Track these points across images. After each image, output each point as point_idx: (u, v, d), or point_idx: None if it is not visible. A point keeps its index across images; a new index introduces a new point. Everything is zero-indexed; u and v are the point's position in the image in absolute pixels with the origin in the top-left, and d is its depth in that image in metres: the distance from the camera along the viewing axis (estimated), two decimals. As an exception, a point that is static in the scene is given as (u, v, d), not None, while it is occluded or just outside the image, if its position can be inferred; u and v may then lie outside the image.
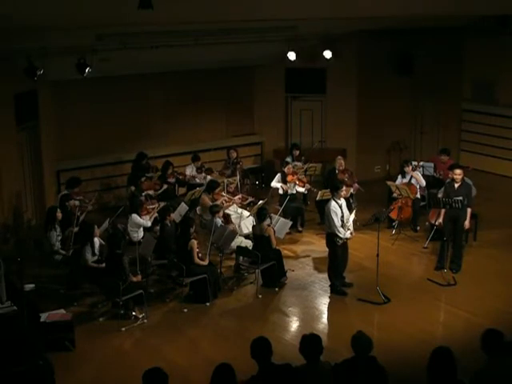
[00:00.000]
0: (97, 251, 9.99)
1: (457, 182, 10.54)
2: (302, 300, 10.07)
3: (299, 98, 16.25)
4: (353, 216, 10.07)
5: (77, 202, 11.53)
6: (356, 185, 12.64)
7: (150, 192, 12.52)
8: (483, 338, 5.69)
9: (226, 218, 11.29)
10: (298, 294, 10.26)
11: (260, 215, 10.60)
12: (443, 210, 10.75)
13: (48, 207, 11.36)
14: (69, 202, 11.28)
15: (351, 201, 12.57)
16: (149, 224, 11.03)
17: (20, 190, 12.35)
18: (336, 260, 10.05)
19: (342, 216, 9.83)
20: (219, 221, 10.89)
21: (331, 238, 9.93)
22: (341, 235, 9.81)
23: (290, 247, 12.03)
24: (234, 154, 14.29)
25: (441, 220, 10.88)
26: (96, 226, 10.20)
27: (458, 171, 10.59)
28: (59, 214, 10.57)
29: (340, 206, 9.86)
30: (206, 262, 10.03)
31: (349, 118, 15.74)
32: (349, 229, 9.90)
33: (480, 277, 10.57)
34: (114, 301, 9.33)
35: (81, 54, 10.92)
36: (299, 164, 13.77)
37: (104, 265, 9.66)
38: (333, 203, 9.85)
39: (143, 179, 12.74)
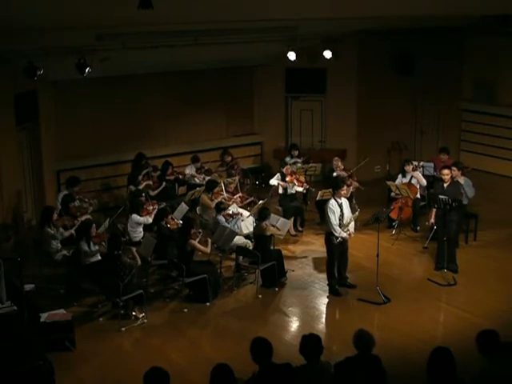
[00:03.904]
0: (93, 248, 9.96)
1: (445, 182, 10.57)
2: (302, 300, 10.07)
3: (299, 98, 16.26)
4: (355, 216, 10.05)
5: (76, 203, 11.52)
6: (355, 183, 12.64)
7: (149, 191, 12.53)
8: (478, 340, 5.69)
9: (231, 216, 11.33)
10: (298, 293, 10.26)
11: (261, 214, 10.62)
12: (434, 210, 10.82)
13: (44, 207, 11.38)
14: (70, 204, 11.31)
15: (353, 201, 12.58)
16: (150, 221, 11.05)
17: (20, 190, 12.35)
18: (331, 259, 10.06)
19: (342, 215, 9.84)
20: (223, 219, 10.89)
21: (328, 236, 9.95)
22: (336, 234, 9.81)
23: (289, 247, 12.04)
24: (229, 158, 14.26)
25: (432, 220, 10.96)
26: (94, 225, 10.20)
27: (445, 171, 10.65)
28: (55, 215, 10.58)
29: (340, 205, 9.86)
30: (208, 249, 10.09)
31: (349, 118, 15.75)
32: (348, 229, 9.90)
33: (480, 277, 10.57)
34: (114, 301, 9.33)
35: (81, 54, 10.92)
36: (299, 164, 13.75)
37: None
38: (332, 201, 9.86)
39: (141, 177, 12.74)
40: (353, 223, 10.04)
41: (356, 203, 12.69)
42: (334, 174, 12.76)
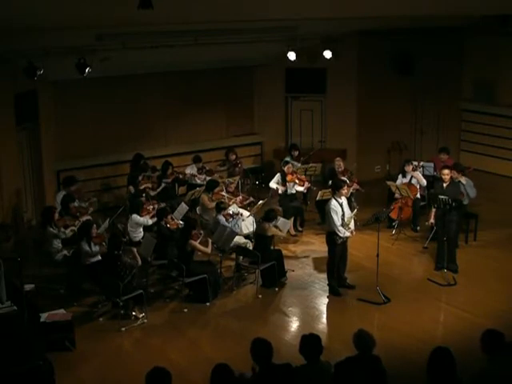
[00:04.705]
0: (94, 249, 9.96)
1: (445, 182, 10.59)
2: (302, 300, 10.07)
3: (299, 98, 16.26)
4: (354, 214, 10.07)
5: (76, 203, 11.52)
6: (355, 184, 12.65)
7: (149, 191, 12.53)
8: (483, 339, 5.69)
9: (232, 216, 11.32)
10: (298, 293, 10.26)
11: (268, 216, 10.62)
12: (433, 210, 10.83)
13: (45, 207, 11.39)
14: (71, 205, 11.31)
15: (352, 200, 12.58)
16: (150, 222, 11.05)
17: (20, 189, 12.35)
18: (333, 259, 10.06)
19: (343, 215, 9.83)
20: (223, 219, 10.89)
21: (331, 236, 9.94)
22: (340, 234, 9.81)
23: (289, 247, 12.04)
24: (233, 157, 14.31)
25: (432, 220, 10.97)
26: (95, 225, 10.21)
27: (445, 171, 10.66)
28: (56, 215, 10.59)
29: (341, 205, 9.86)
30: (209, 249, 10.08)
31: (349, 118, 15.74)
32: (349, 228, 9.91)
33: (480, 277, 10.57)
34: (114, 301, 9.33)
35: (81, 54, 10.92)
36: (298, 164, 13.77)
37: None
38: (333, 202, 9.85)
39: (140, 178, 12.74)
40: (353, 221, 10.04)
41: (355, 202, 12.68)
42: (330, 183, 12.73)
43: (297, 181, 12.73)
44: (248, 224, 11.39)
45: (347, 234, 9.89)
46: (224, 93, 15.63)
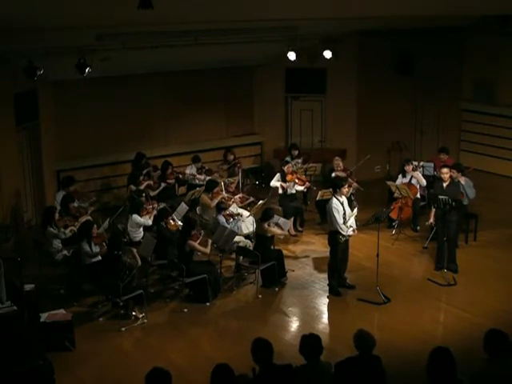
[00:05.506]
0: (94, 249, 9.96)
1: (444, 182, 10.58)
2: (302, 300, 10.07)
3: (299, 98, 16.26)
4: (355, 213, 10.06)
5: (76, 203, 11.52)
6: (355, 184, 12.66)
7: (149, 191, 12.53)
8: (486, 338, 5.68)
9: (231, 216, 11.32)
10: (297, 293, 10.26)
11: (265, 215, 10.61)
12: (433, 210, 10.83)
13: (46, 207, 11.40)
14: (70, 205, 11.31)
15: (352, 198, 12.58)
16: (150, 223, 11.04)
17: (20, 190, 12.35)
18: (336, 258, 10.05)
19: (344, 213, 9.83)
20: (223, 219, 10.89)
21: (333, 235, 9.92)
22: (343, 232, 9.81)
23: (290, 247, 12.04)
24: (232, 157, 14.31)
25: (432, 220, 10.97)
26: (95, 225, 10.21)
27: (444, 170, 10.66)
28: (57, 215, 10.60)
29: (342, 204, 9.86)
30: (208, 250, 10.08)
31: (349, 118, 15.75)
32: (351, 226, 9.90)
33: (480, 277, 10.57)
34: (114, 301, 9.33)
35: (81, 54, 10.92)
36: (299, 162, 13.76)
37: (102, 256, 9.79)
38: (334, 200, 9.84)
39: (141, 177, 12.74)
40: (354, 220, 10.03)
41: (355, 201, 12.67)
42: (333, 175, 12.76)
43: (296, 180, 12.74)
44: (248, 224, 11.39)
45: (350, 232, 9.89)
46: (224, 93, 15.63)
